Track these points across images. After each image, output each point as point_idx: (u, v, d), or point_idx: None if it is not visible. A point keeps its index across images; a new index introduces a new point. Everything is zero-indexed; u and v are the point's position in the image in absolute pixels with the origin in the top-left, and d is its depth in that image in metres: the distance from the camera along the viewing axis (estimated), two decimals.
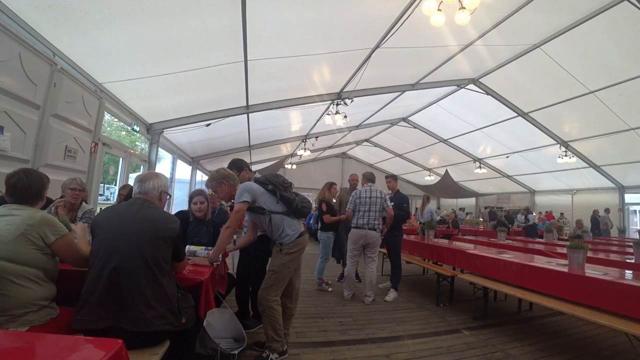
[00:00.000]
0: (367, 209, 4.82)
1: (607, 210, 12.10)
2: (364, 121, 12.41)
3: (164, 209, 2.22)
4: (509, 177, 16.02)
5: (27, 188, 1.81)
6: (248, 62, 5.66)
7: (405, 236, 6.08)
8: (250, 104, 7.77)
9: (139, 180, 2.13)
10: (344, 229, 5.57)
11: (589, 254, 4.01)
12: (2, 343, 1.10)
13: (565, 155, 11.06)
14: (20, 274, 1.65)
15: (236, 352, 2.77)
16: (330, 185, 5.71)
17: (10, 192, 1.80)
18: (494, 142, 12.84)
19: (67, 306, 1.88)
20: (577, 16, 5.92)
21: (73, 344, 1.16)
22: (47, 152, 4.20)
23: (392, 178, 5.59)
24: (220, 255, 2.95)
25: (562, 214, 14.27)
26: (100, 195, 7.35)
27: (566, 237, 9.69)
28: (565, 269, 3.47)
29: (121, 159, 6.96)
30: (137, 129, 6.82)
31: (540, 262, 4.03)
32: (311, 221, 11.12)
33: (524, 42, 6.92)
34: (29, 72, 3.73)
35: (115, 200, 6.02)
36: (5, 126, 3.51)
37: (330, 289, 5.30)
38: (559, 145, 11.11)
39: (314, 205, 9.97)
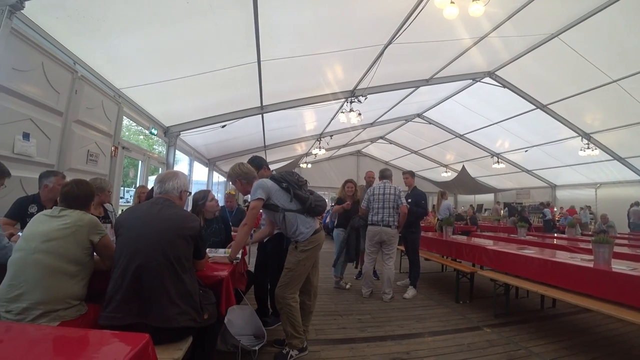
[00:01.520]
0: (380, 205, 4.81)
1: (637, 204, 11.59)
2: (378, 118, 12.31)
3: (184, 207, 2.28)
4: (528, 171, 15.61)
5: (76, 198, 2.00)
6: (261, 62, 5.71)
7: (422, 233, 6.02)
8: (264, 104, 7.83)
9: (159, 180, 2.19)
10: (361, 227, 5.54)
11: (615, 249, 3.87)
12: (37, 337, 1.15)
13: (588, 148, 10.69)
14: (64, 271, 1.79)
15: (256, 348, 2.81)
16: (344, 184, 5.73)
17: (62, 198, 2.01)
18: (511, 136, 12.51)
19: (94, 303, 1.95)
20: (597, 2, 5.72)
21: (102, 338, 1.21)
22: (70, 157, 4.35)
23: (409, 174, 5.54)
24: (240, 253, 3.00)
25: (588, 207, 13.73)
26: (121, 198, 7.55)
27: (590, 233, 9.39)
28: (591, 265, 3.37)
29: (140, 162, 7.13)
30: (155, 132, 6.97)
31: (563, 257, 3.92)
32: (327, 220, 11.10)
33: (541, 31, 6.73)
34: (51, 81, 3.87)
35: (132, 201, 6.16)
36: (31, 133, 3.65)
37: (348, 286, 5.29)
38: (580, 137, 10.73)
39: (329, 204, 9.96)
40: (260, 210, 2.90)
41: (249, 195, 2.91)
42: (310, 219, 2.97)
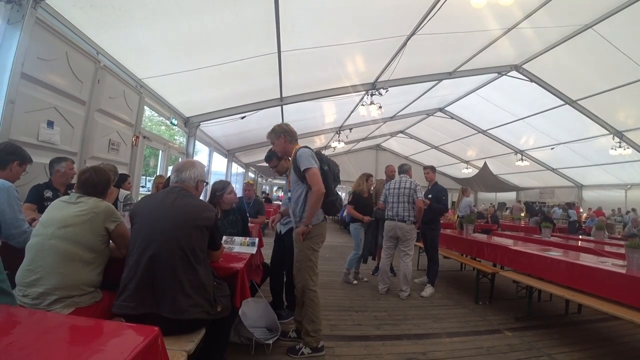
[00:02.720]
0: (396, 200, 4.74)
1: None
2: (398, 112, 12.10)
3: (201, 197, 2.26)
4: (553, 170, 15.08)
5: (95, 185, 2.03)
6: (281, 53, 5.65)
7: (441, 230, 5.87)
8: (284, 95, 7.79)
9: (176, 169, 2.17)
10: (380, 219, 5.44)
11: None
12: (46, 324, 1.15)
13: (619, 147, 10.19)
14: (80, 258, 1.81)
15: (270, 341, 2.78)
16: (367, 177, 5.60)
17: (80, 185, 2.03)
18: (537, 132, 12.07)
19: (109, 291, 1.96)
20: None
21: (112, 329, 1.19)
22: (92, 145, 4.44)
23: (430, 169, 5.40)
24: (257, 244, 2.99)
25: (619, 209, 13.14)
26: (142, 187, 7.70)
27: (619, 236, 8.97)
28: (623, 270, 3.18)
29: (160, 151, 7.24)
30: (176, 122, 7.05)
31: (592, 261, 3.73)
32: (344, 214, 11.04)
33: (574, 22, 6.38)
34: (75, 70, 3.94)
35: (151, 191, 6.26)
36: (55, 121, 3.73)
37: (355, 282, 5.24)
38: (612, 135, 10.24)
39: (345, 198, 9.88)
40: (281, 193, 2.85)
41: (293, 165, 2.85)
42: (321, 209, 2.91)
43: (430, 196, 5.08)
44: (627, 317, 2.84)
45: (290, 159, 3.03)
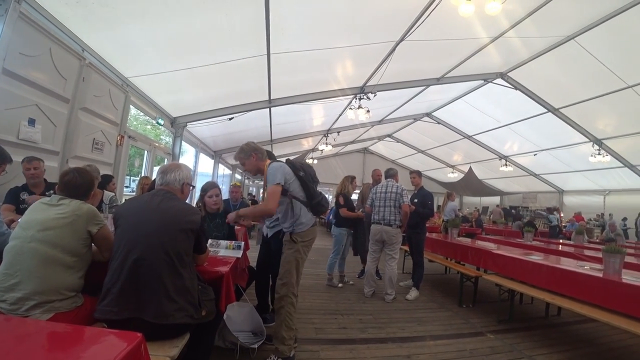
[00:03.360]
0: (382, 204, 4.79)
1: None
2: (386, 116, 12.21)
3: (187, 201, 2.23)
4: (536, 175, 15.44)
5: (78, 187, 1.96)
6: (271, 55, 5.63)
7: (427, 234, 5.94)
8: (272, 97, 7.76)
9: (161, 171, 2.14)
10: (366, 224, 5.50)
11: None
12: (25, 331, 1.11)
13: (599, 154, 10.51)
14: (61, 261, 1.75)
15: (255, 346, 2.76)
16: (352, 179, 5.63)
17: (62, 187, 1.95)
18: (521, 139, 12.37)
19: (91, 296, 1.91)
20: (616, 4, 5.56)
21: (94, 335, 1.17)
22: (76, 145, 4.34)
23: (416, 174, 5.44)
24: (242, 248, 2.97)
25: (602, 214, 13.51)
26: (126, 187, 7.56)
27: (597, 241, 9.24)
28: (600, 274, 3.28)
29: (146, 151, 7.12)
30: (162, 122, 6.95)
31: (571, 265, 3.83)
32: (331, 216, 11.06)
33: (557, 33, 6.58)
34: (58, 67, 3.84)
35: (135, 192, 6.15)
36: (36, 119, 3.63)
37: (340, 285, 5.25)
38: (591, 143, 10.57)
39: (331, 198, 9.91)
40: None
41: (266, 180, 2.81)
42: (310, 213, 2.91)
43: (416, 200, 5.13)
44: (604, 319, 2.93)
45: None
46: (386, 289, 4.69)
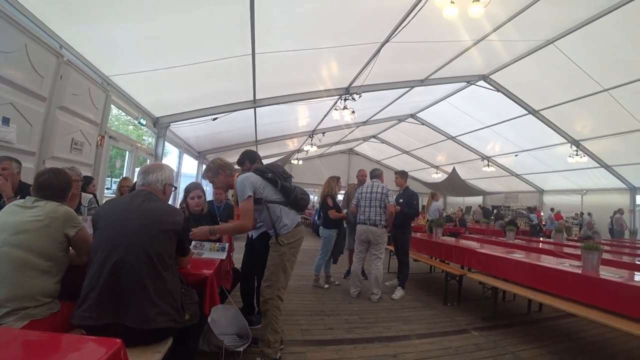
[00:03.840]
0: (367, 204, 4.79)
1: (620, 211, 11.79)
2: (371, 117, 12.28)
3: (170, 202, 2.17)
4: (517, 175, 15.82)
5: (54, 188, 1.87)
6: (256, 55, 5.59)
7: (412, 233, 5.99)
8: (257, 98, 7.71)
9: (143, 172, 2.08)
10: (349, 225, 5.52)
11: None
12: None
13: (576, 155, 10.85)
14: (35, 266, 1.68)
15: (241, 349, 2.72)
16: (337, 179, 5.62)
17: (37, 188, 1.85)
18: (503, 140, 12.65)
19: (68, 301, 1.83)
20: (593, 11, 5.75)
21: (71, 342, 1.12)
22: (53, 145, 4.18)
23: (400, 175, 5.48)
24: (226, 249, 2.92)
25: (581, 213, 13.89)
26: (107, 188, 7.36)
27: (576, 238, 9.52)
28: (579, 270, 3.37)
29: (128, 152, 6.96)
30: (144, 122, 6.80)
31: (551, 262, 3.93)
32: (316, 217, 11.03)
33: (537, 37, 6.75)
34: (35, 64, 3.70)
35: (115, 193, 5.99)
36: (11, 118, 3.49)
37: (326, 286, 5.25)
38: (569, 144, 10.90)
39: (316, 199, 9.88)
40: None
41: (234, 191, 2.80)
42: (293, 211, 2.87)
43: (402, 200, 5.17)
44: (583, 314, 3.02)
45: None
46: (372, 289, 4.70)
